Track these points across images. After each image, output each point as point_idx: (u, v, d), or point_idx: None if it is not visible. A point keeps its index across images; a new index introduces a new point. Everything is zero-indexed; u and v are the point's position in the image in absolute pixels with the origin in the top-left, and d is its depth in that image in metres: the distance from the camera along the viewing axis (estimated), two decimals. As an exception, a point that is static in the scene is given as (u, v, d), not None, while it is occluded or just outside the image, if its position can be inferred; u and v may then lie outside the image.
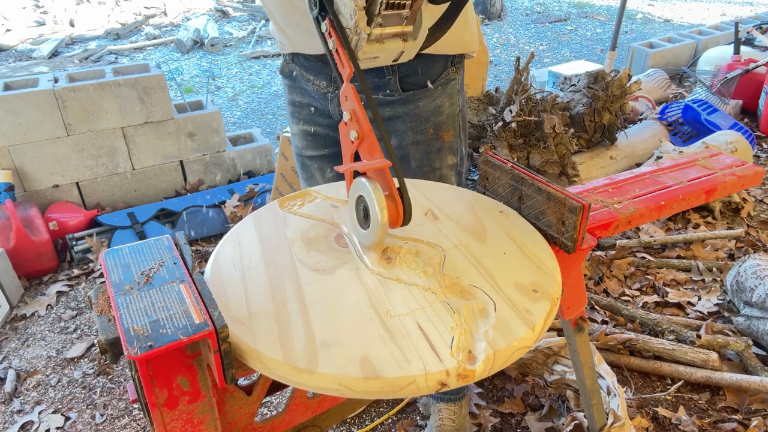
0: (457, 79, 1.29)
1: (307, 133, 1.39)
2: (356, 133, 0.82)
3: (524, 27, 6.55)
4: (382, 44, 0.80)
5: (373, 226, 0.82)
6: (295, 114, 1.39)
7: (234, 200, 2.79)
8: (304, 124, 1.39)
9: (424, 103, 1.25)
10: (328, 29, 0.79)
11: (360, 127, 0.81)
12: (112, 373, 2.02)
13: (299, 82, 1.34)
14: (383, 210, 0.80)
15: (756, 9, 7.15)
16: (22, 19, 6.64)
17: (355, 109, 0.81)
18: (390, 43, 0.80)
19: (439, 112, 1.27)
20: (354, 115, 0.81)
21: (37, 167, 2.70)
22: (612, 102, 2.94)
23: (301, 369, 0.67)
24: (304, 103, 1.36)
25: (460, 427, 1.64)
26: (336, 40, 0.78)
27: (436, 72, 1.24)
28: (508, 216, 0.99)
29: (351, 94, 0.80)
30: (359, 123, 0.81)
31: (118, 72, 2.83)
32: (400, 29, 0.80)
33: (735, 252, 2.50)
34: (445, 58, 1.25)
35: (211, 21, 6.28)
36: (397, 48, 0.82)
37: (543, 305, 0.76)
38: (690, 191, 1.14)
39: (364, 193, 0.83)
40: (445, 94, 1.27)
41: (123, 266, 0.78)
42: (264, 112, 4.45)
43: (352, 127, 0.82)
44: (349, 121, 0.82)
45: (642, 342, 1.94)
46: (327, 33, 0.79)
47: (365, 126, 0.80)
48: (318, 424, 1.07)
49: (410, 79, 1.23)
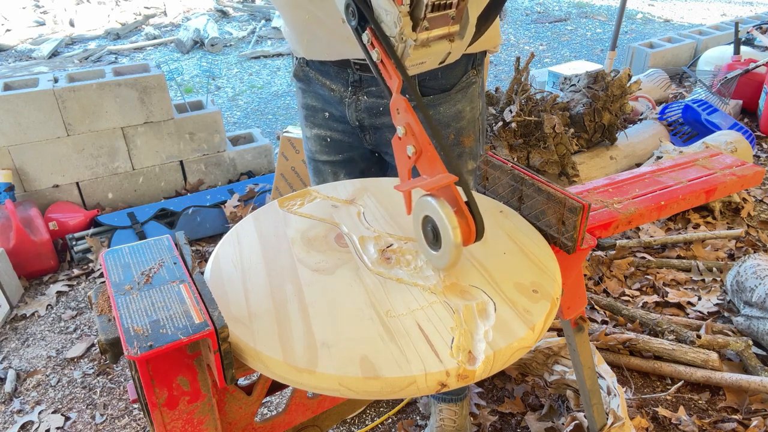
0: (478, 83, 1.26)
1: (321, 138, 1.36)
2: (413, 148, 0.77)
3: (524, 27, 6.55)
4: (428, 48, 0.74)
5: (446, 247, 0.76)
6: (309, 118, 1.36)
7: (234, 200, 2.79)
8: (318, 129, 1.35)
9: (444, 108, 1.22)
10: (370, 39, 0.74)
11: (417, 141, 0.76)
12: (112, 373, 2.02)
13: (314, 87, 1.30)
14: (456, 230, 0.74)
15: (756, 9, 7.15)
16: (22, 19, 6.64)
17: (410, 122, 0.76)
18: (436, 46, 0.75)
19: (460, 117, 1.24)
20: (409, 129, 0.76)
21: (37, 167, 2.70)
22: (612, 102, 2.94)
23: (301, 369, 0.67)
24: (319, 107, 1.32)
25: (460, 427, 1.64)
26: (380, 50, 0.73)
27: (456, 75, 1.21)
28: (508, 216, 0.99)
29: (404, 106, 0.76)
30: (416, 137, 0.76)
31: (118, 72, 2.83)
32: (447, 30, 0.74)
33: (735, 252, 2.50)
34: (466, 59, 1.21)
35: (211, 21, 6.28)
36: (444, 50, 0.77)
37: (543, 305, 0.76)
38: (690, 191, 1.14)
39: (431, 213, 0.76)
40: (465, 98, 1.24)
41: (123, 266, 0.78)
42: (264, 112, 4.45)
43: (408, 142, 0.77)
44: (404, 135, 0.78)
45: (642, 342, 1.94)
46: (369, 44, 0.74)
47: (423, 139, 0.76)
48: (318, 424, 1.07)
49: (430, 84, 1.20)
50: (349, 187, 1.09)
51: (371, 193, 1.07)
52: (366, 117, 1.25)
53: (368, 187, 1.09)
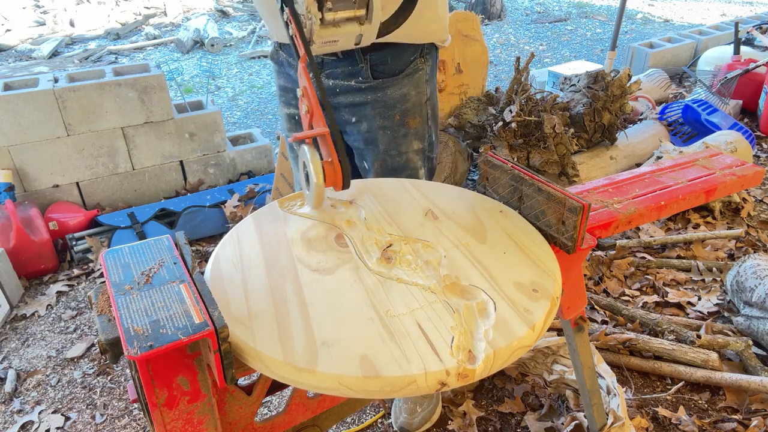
0: (425, 69, 1.38)
1: (292, 117, 1.49)
2: (306, 107, 0.90)
3: (524, 27, 6.55)
4: (338, 28, 0.87)
5: (312, 186, 0.91)
6: (282, 98, 1.50)
7: (234, 200, 2.79)
8: (289, 108, 1.49)
9: (391, 91, 1.35)
10: (288, 17, 0.86)
11: (309, 101, 0.89)
12: (112, 373, 2.02)
13: (285, 68, 1.43)
14: (319, 174, 0.88)
15: (756, 9, 7.15)
16: (22, 19, 6.64)
17: (305, 86, 0.89)
18: (346, 27, 0.88)
19: (405, 99, 1.36)
20: (305, 92, 0.89)
21: (37, 167, 2.70)
22: (612, 102, 2.94)
23: (301, 368, 0.67)
24: (290, 87, 1.45)
25: None
26: (294, 26, 0.86)
27: (404, 62, 1.33)
28: (508, 216, 0.99)
29: (302, 73, 0.89)
30: (308, 98, 0.89)
31: (118, 72, 2.83)
32: (353, 13, 0.87)
33: (735, 252, 2.50)
34: (414, 48, 1.33)
35: (211, 21, 6.28)
36: (355, 31, 0.89)
37: (543, 305, 0.76)
38: (690, 191, 1.14)
39: (304, 157, 0.91)
40: (411, 83, 1.36)
41: (123, 266, 0.78)
42: (264, 112, 4.45)
43: (303, 102, 0.91)
44: (301, 96, 0.91)
45: (642, 342, 1.94)
46: (287, 21, 0.87)
47: (313, 100, 0.88)
48: (318, 424, 1.07)
49: (381, 68, 1.32)
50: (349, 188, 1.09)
51: (371, 193, 1.07)
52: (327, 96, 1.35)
53: (368, 187, 1.09)
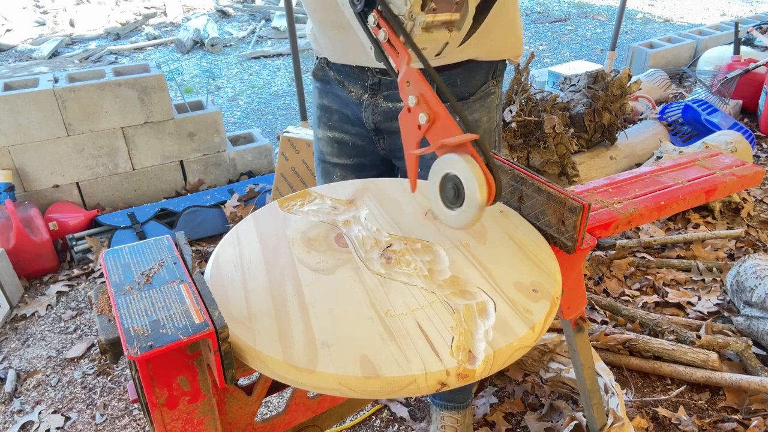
0: (497, 93, 1.25)
1: (333, 140, 1.35)
2: (427, 115, 0.76)
3: (524, 27, 6.55)
4: (430, 34, 0.76)
5: (470, 204, 0.74)
6: (323, 119, 1.35)
7: (234, 200, 2.79)
8: (331, 131, 1.34)
9: (462, 116, 1.24)
10: (377, 21, 0.76)
11: (430, 108, 0.76)
12: (112, 373, 2.02)
13: (333, 87, 1.29)
14: (482, 186, 0.72)
15: (756, 9, 7.15)
16: (22, 19, 6.64)
17: (423, 91, 0.76)
18: (437, 33, 0.77)
19: (476, 127, 1.22)
20: (422, 98, 0.76)
21: (37, 167, 2.70)
22: (612, 102, 2.94)
23: (301, 368, 0.67)
24: (334, 108, 1.32)
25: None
26: (388, 29, 0.75)
27: (476, 84, 1.20)
28: (508, 216, 0.99)
29: (415, 76, 0.76)
30: (429, 104, 0.76)
31: (118, 72, 2.83)
32: (449, 17, 0.77)
33: (735, 252, 2.50)
34: (487, 67, 1.20)
35: (211, 21, 6.28)
36: (443, 38, 0.79)
37: (543, 305, 0.76)
38: (690, 191, 1.14)
39: (456, 169, 0.75)
40: (483, 108, 1.23)
41: (123, 266, 0.78)
42: (264, 112, 4.45)
43: (421, 111, 0.77)
44: (415, 105, 0.77)
45: (642, 342, 1.94)
46: (376, 25, 0.76)
47: (437, 106, 0.75)
48: (318, 424, 1.07)
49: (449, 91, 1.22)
50: (349, 188, 1.09)
51: (371, 193, 1.07)
52: (382, 120, 1.24)
53: (368, 187, 1.09)
